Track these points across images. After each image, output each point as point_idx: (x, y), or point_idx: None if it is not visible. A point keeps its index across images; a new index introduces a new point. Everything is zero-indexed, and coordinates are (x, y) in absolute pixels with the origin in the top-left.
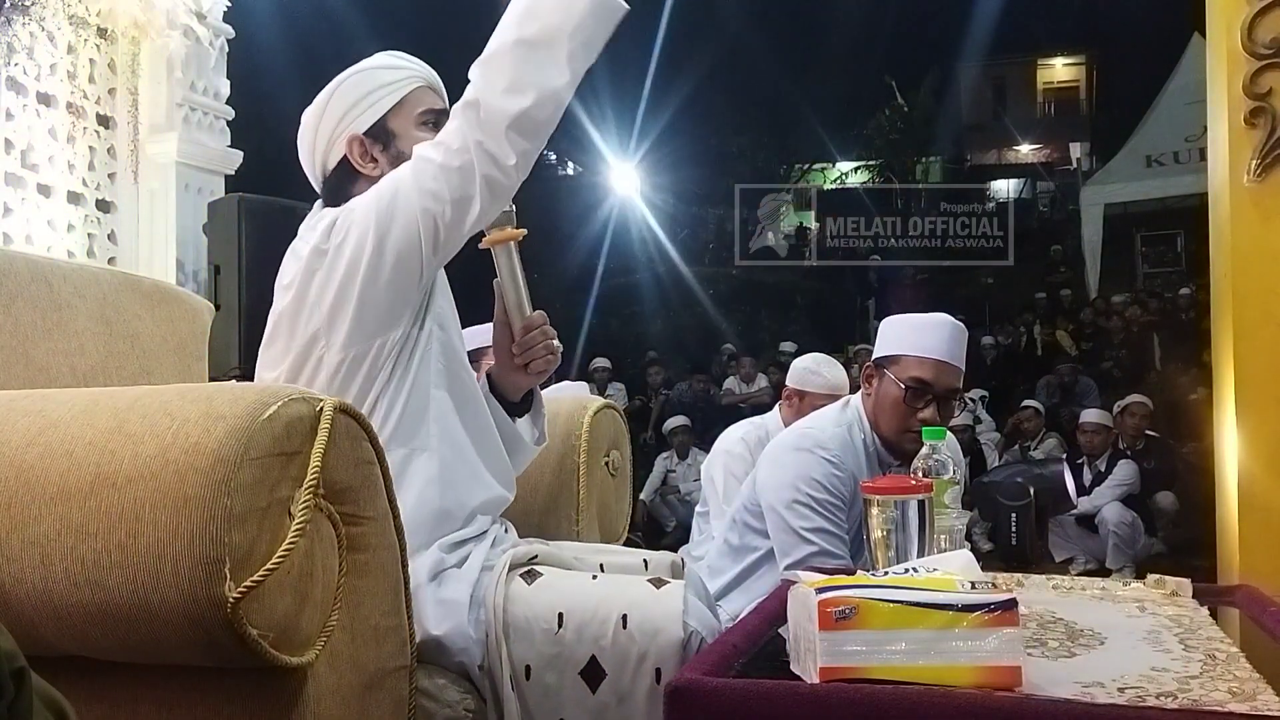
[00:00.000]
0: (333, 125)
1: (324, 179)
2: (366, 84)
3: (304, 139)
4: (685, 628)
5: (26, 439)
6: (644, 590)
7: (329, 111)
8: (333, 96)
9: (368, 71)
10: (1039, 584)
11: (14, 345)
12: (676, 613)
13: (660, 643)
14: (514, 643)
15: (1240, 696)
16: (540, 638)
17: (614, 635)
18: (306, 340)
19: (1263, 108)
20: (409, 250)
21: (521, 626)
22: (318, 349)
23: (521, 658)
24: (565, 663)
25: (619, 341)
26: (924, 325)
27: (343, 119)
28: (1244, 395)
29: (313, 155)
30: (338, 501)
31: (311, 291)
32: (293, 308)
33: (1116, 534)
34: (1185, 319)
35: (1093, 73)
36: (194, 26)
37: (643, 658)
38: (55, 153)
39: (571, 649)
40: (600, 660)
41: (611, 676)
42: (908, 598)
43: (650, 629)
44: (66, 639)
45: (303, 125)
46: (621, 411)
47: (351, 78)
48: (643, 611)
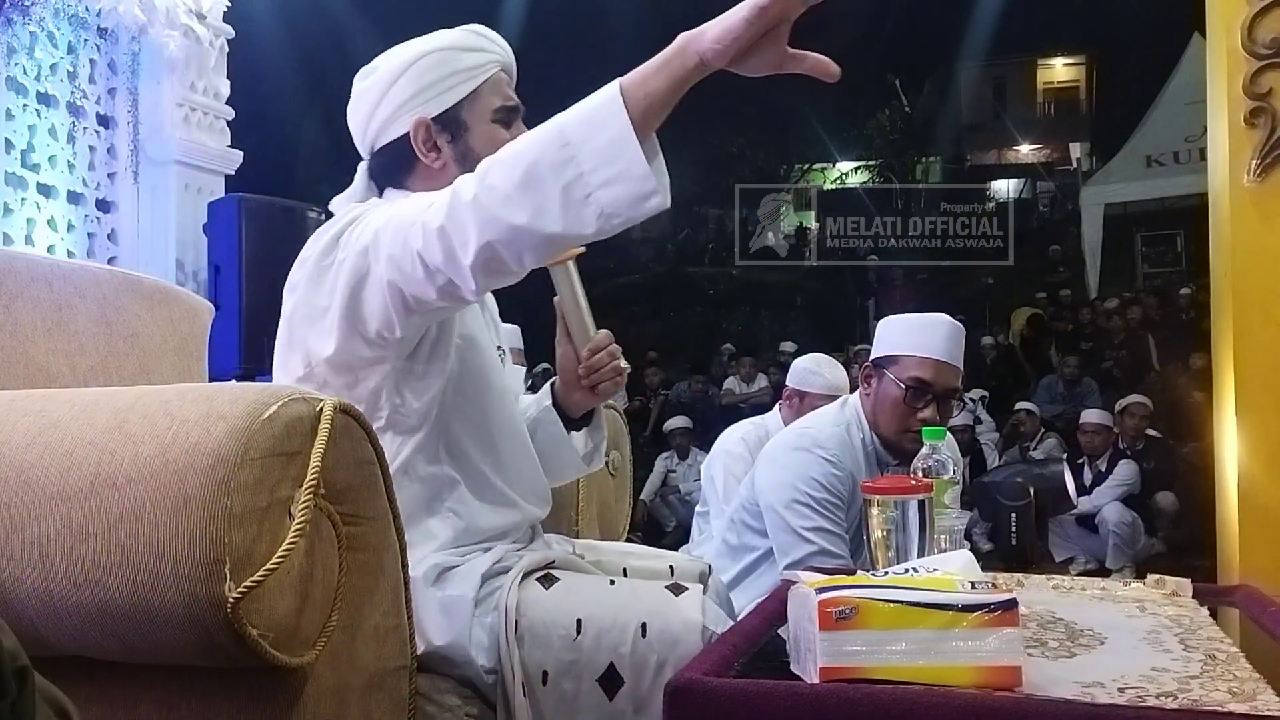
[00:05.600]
0: (399, 101)
1: (374, 150)
2: (447, 65)
3: (360, 107)
4: (704, 633)
5: (26, 439)
6: (663, 598)
7: (399, 86)
8: (407, 71)
9: (449, 51)
10: (1039, 584)
11: (14, 345)
12: (695, 622)
13: (679, 653)
14: (531, 648)
15: (1240, 696)
16: (558, 644)
17: (633, 643)
18: (306, 355)
19: (1263, 108)
20: (381, 310)
21: (539, 632)
22: (319, 367)
23: (539, 663)
24: (583, 669)
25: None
26: (923, 325)
27: (414, 97)
28: (1244, 395)
29: (366, 126)
30: (338, 501)
31: (316, 303)
32: (297, 315)
33: (1116, 534)
34: (1185, 319)
35: (1093, 73)
36: (194, 26)
37: (661, 667)
38: (55, 153)
39: (590, 656)
40: (619, 668)
41: (629, 685)
42: (908, 598)
43: (669, 638)
44: (66, 639)
45: (361, 91)
46: (621, 411)
47: (432, 54)
48: (662, 620)
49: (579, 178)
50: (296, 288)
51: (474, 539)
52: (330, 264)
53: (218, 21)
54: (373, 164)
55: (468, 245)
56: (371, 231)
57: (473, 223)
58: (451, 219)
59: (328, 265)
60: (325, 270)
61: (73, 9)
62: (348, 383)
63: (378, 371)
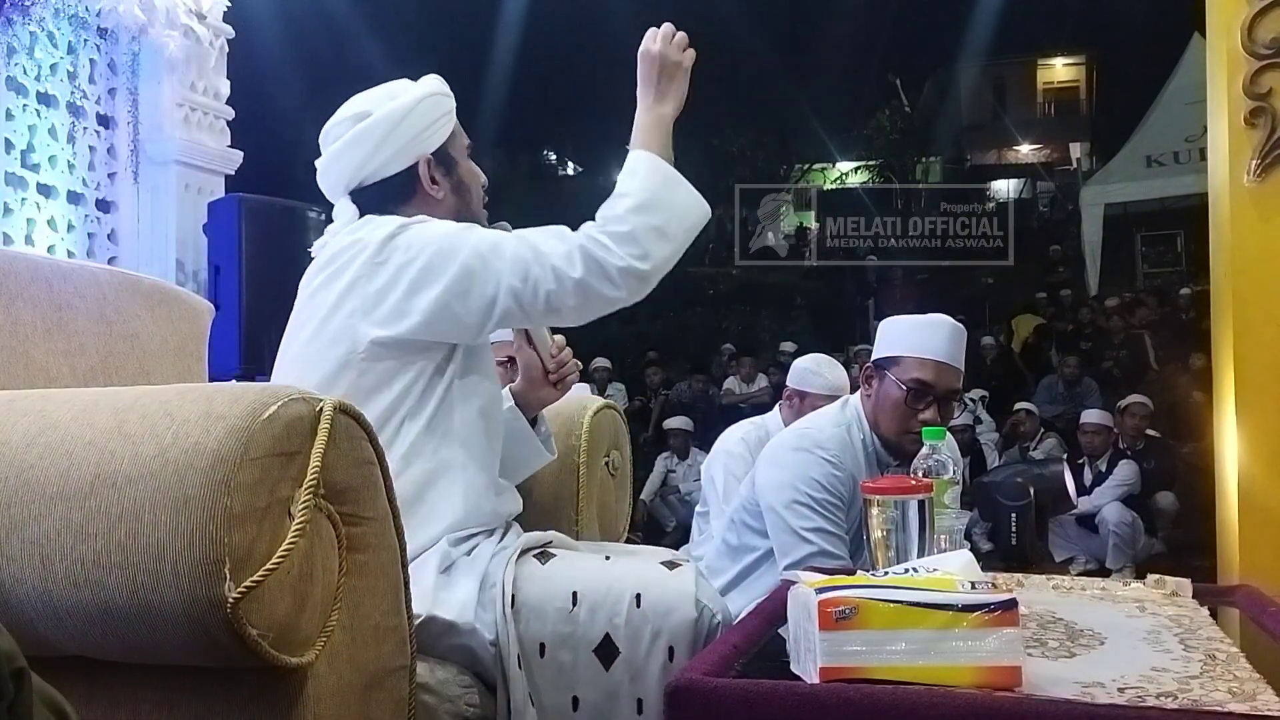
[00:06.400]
0: (407, 139)
1: (365, 185)
2: (440, 108)
3: (363, 141)
4: (698, 605)
5: (26, 439)
6: (657, 570)
7: (406, 124)
8: (412, 111)
9: (438, 97)
10: (1039, 584)
11: (14, 345)
12: (689, 592)
13: (673, 621)
14: (527, 620)
15: (1240, 696)
16: (554, 616)
17: (628, 614)
18: (350, 345)
19: (1263, 108)
20: (476, 312)
21: (535, 605)
22: (359, 356)
23: (535, 636)
24: (579, 641)
25: (619, 341)
26: (924, 326)
27: (416, 138)
28: (1244, 395)
29: (362, 166)
30: (338, 501)
31: (362, 299)
32: (333, 311)
33: (1116, 534)
34: (1185, 319)
35: (1093, 73)
36: (194, 26)
37: (656, 636)
38: (55, 153)
39: (585, 627)
40: (614, 638)
41: (625, 654)
42: (908, 598)
43: (663, 608)
44: (66, 639)
45: (357, 135)
46: (621, 411)
47: (426, 99)
48: (656, 590)
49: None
50: (330, 288)
51: (478, 522)
52: (384, 262)
53: (218, 21)
54: (363, 196)
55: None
56: (479, 256)
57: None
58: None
59: (381, 263)
60: (379, 267)
61: (73, 9)
62: (398, 365)
63: (429, 355)
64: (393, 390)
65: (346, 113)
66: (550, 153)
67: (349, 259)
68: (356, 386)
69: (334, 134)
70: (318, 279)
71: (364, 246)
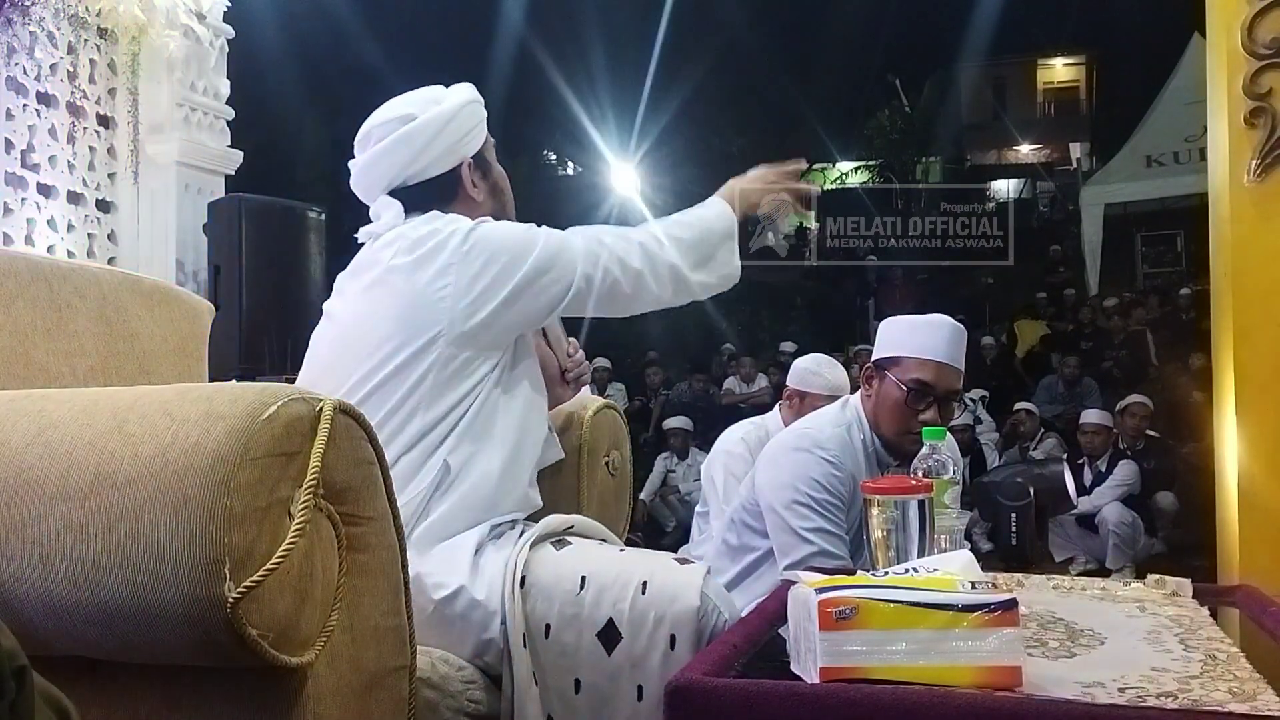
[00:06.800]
0: (451, 142)
1: (408, 184)
2: (479, 113)
3: (410, 142)
4: (702, 595)
5: (26, 439)
6: (668, 562)
7: (452, 128)
8: (456, 116)
9: (476, 104)
10: (1039, 584)
11: (14, 345)
12: (695, 583)
13: (676, 610)
14: (536, 601)
15: (1240, 696)
16: (562, 598)
17: (633, 599)
18: (423, 339)
19: (1263, 108)
20: (553, 297)
21: (545, 587)
22: (433, 349)
23: (542, 616)
24: (584, 624)
25: (619, 341)
26: (924, 326)
27: (459, 141)
28: (1244, 395)
29: (413, 160)
30: (338, 501)
31: (432, 295)
32: (396, 308)
33: (1116, 534)
34: (1185, 319)
35: (1093, 73)
36: (194, 26)
37: (659, 623)
38: (55, 153)
39: (590, 610)
40: (617, 623)
41: (627, 640)
42: (908, 598)
43: (668, 595)
44: (66, 639)
45: (412, 129)
46: (621, 411)
47: (471, 104)
48: (663, 577)
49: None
50: (386, 283)
51: (517, 506)
52: (470, 249)
53: (218, 21)
54: (407, 195)
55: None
56: (554, 245)
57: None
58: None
59: (468, 250)
60: (468, 255)
61: (73, 9)
62: (475, 353)
63: (501, 342)
64: (477, 373)
65: (390, 114)
66: (550, 153)
67: (435, 246)
68: (444, 368)
69: (376, 135)
70: (397, 260)
71: (449, 235)
